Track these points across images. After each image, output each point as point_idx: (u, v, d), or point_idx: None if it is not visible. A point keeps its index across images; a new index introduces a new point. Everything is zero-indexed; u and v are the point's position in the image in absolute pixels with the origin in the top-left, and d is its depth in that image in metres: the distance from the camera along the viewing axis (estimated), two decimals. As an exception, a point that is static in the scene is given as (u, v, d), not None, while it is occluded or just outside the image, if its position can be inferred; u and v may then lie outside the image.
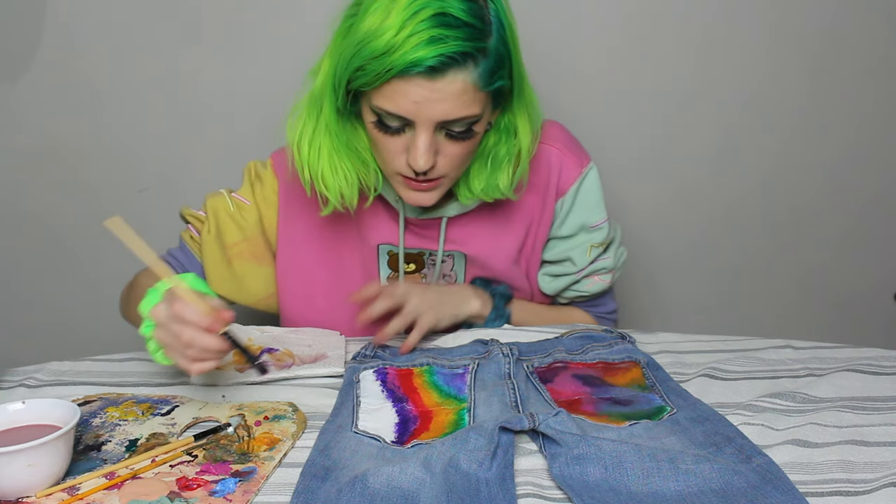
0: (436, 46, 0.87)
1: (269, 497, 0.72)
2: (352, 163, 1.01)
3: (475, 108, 0.92)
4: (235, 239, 1.10)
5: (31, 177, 1.68)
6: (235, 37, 1.59)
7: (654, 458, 0.72)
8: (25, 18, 1.58)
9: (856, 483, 0.71)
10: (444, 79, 0.89)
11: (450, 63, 0.88)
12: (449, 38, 0.87)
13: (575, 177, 1.10)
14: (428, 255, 1.12)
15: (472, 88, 0.90)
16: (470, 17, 0.88)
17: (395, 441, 0.81)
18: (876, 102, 1.67)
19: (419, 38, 0.86)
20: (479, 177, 1.03)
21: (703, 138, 1.67)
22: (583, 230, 1.12)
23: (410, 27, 0.86)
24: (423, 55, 0.86)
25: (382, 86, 0.90)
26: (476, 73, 0.90)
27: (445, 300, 1.06)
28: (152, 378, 0.98)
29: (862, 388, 0.90)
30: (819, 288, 1.80)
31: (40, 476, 0.71)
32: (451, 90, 0.89)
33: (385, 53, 0.88)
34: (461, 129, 0.94)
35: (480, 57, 0.90)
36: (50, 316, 1.78)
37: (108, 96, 1.62)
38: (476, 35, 0.89)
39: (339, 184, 1.00)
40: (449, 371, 0.95)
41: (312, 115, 1.00)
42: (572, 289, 1.16)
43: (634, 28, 1.59)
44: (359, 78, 0.91)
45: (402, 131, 0.94)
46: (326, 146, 1.00)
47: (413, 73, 0.88)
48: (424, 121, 0.92)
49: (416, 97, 0.90)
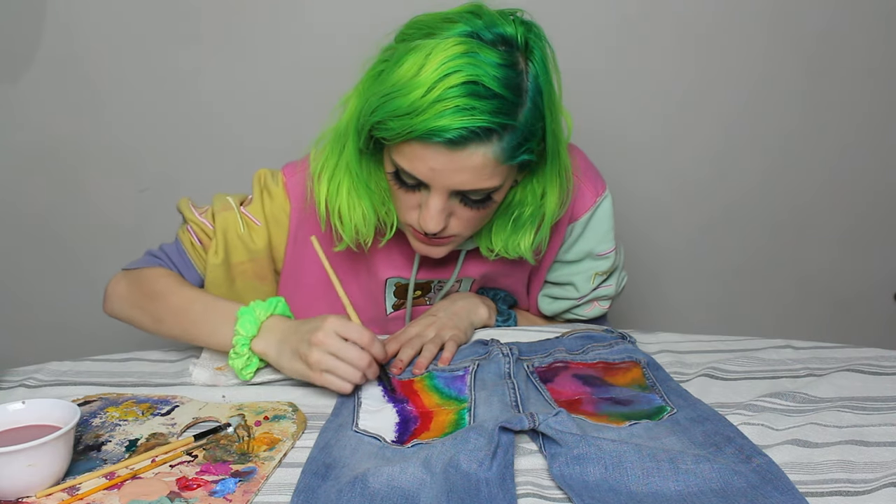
0: (460, 118, 0.83)
1: (269, 497, 0.72)
2: (371, 202, 0.97)
3: (494, 181, 0.89)
4: (242, 259, 1.07)
5: (31, 177, 1.68)
6: (235, 37, 1.59)
7: (654, 458, 0.72)
8: (26, 18, 1.58)
9: (856, 483, 0.71)
10: (464, 151, 0.85)
11: (471, 137, 0.84)
12: (476, 110, 0.83)
13: (589, 205, 1.07)
14: (436, 282, 1.11)
15: (493, 162, 0.87)
16: (502, 89, 0.84)
17: (395, 440, 0.81)
18: (875, 102, 1.67)
19: (444, 106, 0.83)
20: (499, 235, 1.00)
21: (703, 138, 1.67)
22: (589, 257, 1.10)
23: (438, 91, 0.82)
24: (446, 125, 0.83)
25: (401, 144, 0.88)
26: (499, 148, 0.86)
27: (459, 314, 1.06)
28: (152, 378, 0.98)
29: (862, 388, 0.90)
30: (819, 288, 1.81)
31: (40, 476, 0.71)
32: (470, 163, 0.86)
33: (408, 114, 0.84)
34: (478, 198, 0.91)
35: (506, 132, 0.86)
36: (50, 316, 1.78)
37: (109, 96, 1.62)
38: (505, 108, 0.84)
39: (356, 222, 0.98)
40: (449, 374, 0.95)
41: (335, 150, 0.97)
42: (571, 312, 1.15)
43: (634, 29, 1.59)
44: (380, 130, 0.88)
45: (418, 189, 0.92)
46: (346, 184, 0.97)
47: (433, 140, 0.85)
48: (440, 187, 0.89)
49: (433, 164, 0.87)
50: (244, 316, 0.93)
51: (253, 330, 0.92)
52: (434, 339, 1.00)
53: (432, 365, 0.97)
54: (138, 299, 1.03)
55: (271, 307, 0.94)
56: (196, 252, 1.08)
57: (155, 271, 1.05)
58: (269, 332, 0.93)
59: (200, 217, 1.07)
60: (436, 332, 1.01)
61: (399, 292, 1.12)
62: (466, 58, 0.83)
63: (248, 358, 0.93)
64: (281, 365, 0.92)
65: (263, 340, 0.92)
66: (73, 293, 1.75)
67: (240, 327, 0.92)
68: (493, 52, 0.84)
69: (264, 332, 0.93)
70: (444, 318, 1.04)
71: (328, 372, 0.88)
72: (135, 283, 1.05)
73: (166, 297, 1.00)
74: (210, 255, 1.06)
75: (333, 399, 0.90)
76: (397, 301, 1.12)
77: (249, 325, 0.92)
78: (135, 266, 1.07)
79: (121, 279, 1.07)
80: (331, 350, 0.87)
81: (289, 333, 0.91)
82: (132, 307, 1.04)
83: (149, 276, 1.04)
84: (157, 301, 1.01)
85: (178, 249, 1.09)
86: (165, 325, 1.00)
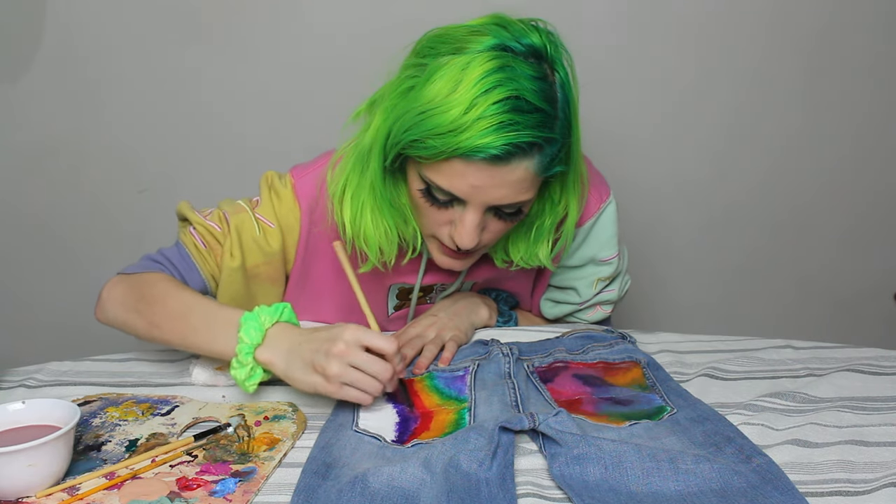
0: (506, 134, 0.82)
1: (269, 497, 0.72)
2: (393, 220, 0.96)
3: (531, 193, 0.89)
4: (257, 262, 1.04)
5: (31, 177, 1.68)
6: (235, 37, 1.59)
7: (654, 458, 0.72)
8: (26, 18, 1.58)
9: (856, 483, 0.71)
10: (507, 166, 0.84)
11: (516, 152, 0.83)
12: (520, 125, 0.82)
13: (593, 212, 1.06)
14: (439, 285, 1.11)
15: (533, 176, 0.87)
16: (541, 102, 0.83)
17: (395, 440, 0.81)
18: (876, 102, 1.67)
19: (489, 123, 0.81)
20: (517, 245, 1.00)
21: (703, 138, 1.67)
22: (591, 263, 1.10)
23: (481, 108, 0.81)
24: (491, 142, 0.82)
25: (439, 162, 0.86)
26: (539, 161, 0.86)
27: (460, 314, 1.05)
28: (152, 378, 0.98)
29: (862, 388, 0.90)
30: (819, 288, 1.81)
31: (40, 476, 0.71)
32: (512, 178, 0.86)
33: (450, 132, 0.82)
34: (512, 211, 0.91)
35: (547, 145, 0.85)
36: (50, 316, 1.78)
37: (109, 96, 1.62)
38: (545, 121, 0.84)
39: (381, 241, 0.96)
40: (449, 374, 0.95)
41: (357, 170, 0.94)
42: (574, 316, 1.15)
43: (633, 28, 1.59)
44: (415, 149, 0.86)
45: (450, 205, 0.91)
46: (370, 204, 0.95)
47: (476, 157, 0.83)
48: (478, 203, 0.88)
49: (474, 181, 0.86)
50: (248, 322, 0.86)
51: (258, 338, 0.86)
52: (435, 339, 1.00)
53: (432, 365, 0.97)
54: (134, 303, 0.96)
55: (277, 313, 0.88)
56: (201, 255, 1.04)
57: (153, 275, 0.99)
58: (275, 340, 0.86)
59: (206, 219, 1.04)
60: (436, 332, 1.01)
61: (401, 294, 1.11)
62: (503, 72, 0.82)
63: (251, 368, 0.86)
64: (291, 377, 0.85)
65: (269, 349, 0.86)
66: (73, 293, 1.75)
67: (243, 334, 0.85)
68: (527, 64, 0.84)
69: (270, 340, 0.86)
70: (445, 318, 1.04)
71: (347, 385, 0.83)
72: (131, 287, 0.98)
73: (164, 302, 0.94)
74: (226, 258, 1.03)
75: (334, 399, 0.90)
76: (399, 303, 1.12)
77: (254, 333, 0.85)
78: (132, 270, 1.02)
79: (117, 283, 1.00)
80: (353, 362, 0.82)
81: (299, 343, 0.85)
82: (127, 311, 0.97)
83: (146, 280, 0.99)
84: (154, 305, 0.95)
85: (180, 253, 1.04)
86: (162, 331, 0.93)
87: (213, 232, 1.04)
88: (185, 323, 0.92)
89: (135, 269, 1.02)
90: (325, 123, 0.98)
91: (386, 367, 0.83)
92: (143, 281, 0.99)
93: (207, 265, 1.04)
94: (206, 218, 1.05)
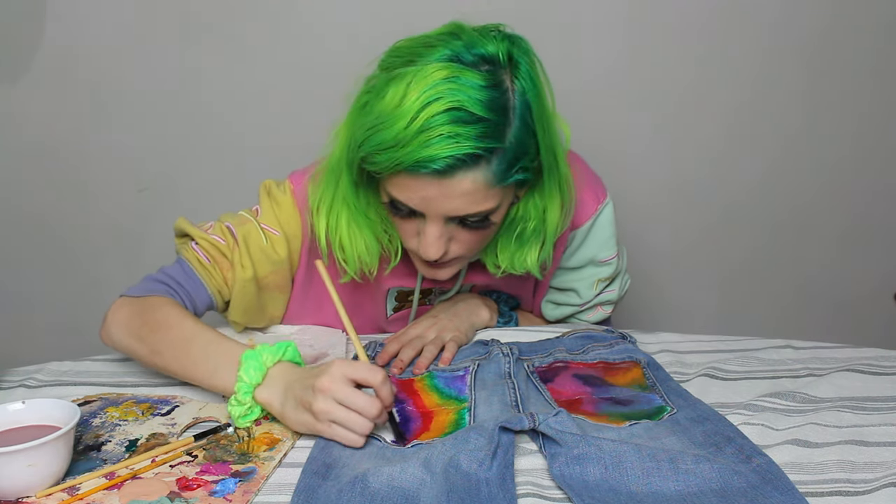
0: (446, 146, 0.81)
1: (269, 497, 0.72)
2: (371, 231, 0.96)
3: (489, 203, 0.88)
4: (266, 272, 1.03)
5: (31, 177, 1.68)
6: (235, 37, 1.59)
7: (654, 458, 0.72)
8: (26, 19, 1.58)
9: (856, 483, 0.71)
10: (453, 179, 0.84)
11: (459, 165, 0.82)
12: (461, 136, 0.81)
13: (590, 213, 1.06)
14: (438, 289, 1.11)
15: (485, 186, 0.85)
16: (486, 112, 0.82)
17: (395, 441, 0.81)
18: (876, 102, 1.67)
19: (429, 136, 0.81)
20: (505, 251, 0.99)
21: (703, 138, 1.67)
22: (591, 264, 1.10)
23: (422, 121, 0.81)
24: (432, 155, 0.81)
25: (391, 176, 0.87)
26: (489, 172, 0.84)
27: (460, 316, 1.05)
28: (152, 378, 0.98)
29: (862, 388, 0.90)
30: (819, 288, 1.81)
31: (40, 476, 0.71)
32: (460, 189, 0.85)
33: (393, 147, 0.83)
34: (476, 221, 0.90)
35: (494, 156, 0.84)
36: (50, 316, 1.78)
37: (109, 96, 1.62)
38: (491, 132, 0.82)
39: (359, 252, 0.97)
40: (449, 374, 0.95)
41: (331, 184, 0.95)
42: (575, 318, 1.15)
43: (634, 29, 1.59)
44: (369, 164, 0.87)
45: (414, 216, 0.91)
46: (345, 216, 0.95)
47: (420, 171, 0.83)
48: (434, 215, 0.88)
49: (424, 194, 0.85)
50: (249, 361, 0.83)
51: (258, 378, 0.83)
52: (435, 340, 1.00)
53: (432, 365, 0.97)
54: (137, 329, 0.94)
55: (279, 352, 0.85)
56: (206, 270, 1.02)
57: (158, 300, 0.96)
58: (274, 380, 0.83)
59: (208, 233, 1.02)
60: (437, 333, 1.01)
61: (400, 297, 1.11)
62: (448, 83, 0.81)
63: (249, 407, 0.84)
64: (285, 417, 0.82)
65: (268, 389, 0.83)
66: (73, 293, 1.75)
67: (243, 373, 0.83)
68: (476, 73, 0.82)
69: (270, 380, 0.83)
70: (445, 319, 1.04)
71: (336, 423, 0.78)
72: (136, 312, 0.95)
73: (167, 329, 0.92)
74: (237, 270, 1.01)
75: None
76: (398, 305, 1.12)
77: (254, 373, 0.83)
78: (136, 293, 0.99)
79: (122, 305, 0.97)
80: (337, 398, 0.78)
81: (293, 381, 0.82)
82: (130, 336, 0.94)
83: (151, 305, 0.95)
84: (157, 333, 0.92)
85: (183, 270, 1.01)
86: (163, 359, 0.91)
87: (217, 245, 1.02)
88: (186, 354, 0.90)
89: (139, 292, 0.99)
90: (325, 123, 0.98)
91: (372, 403, 0.78)
92: (147, 305, 0.96)
93: (213, 280, 1.02)
94: (208, 232, 1.03)
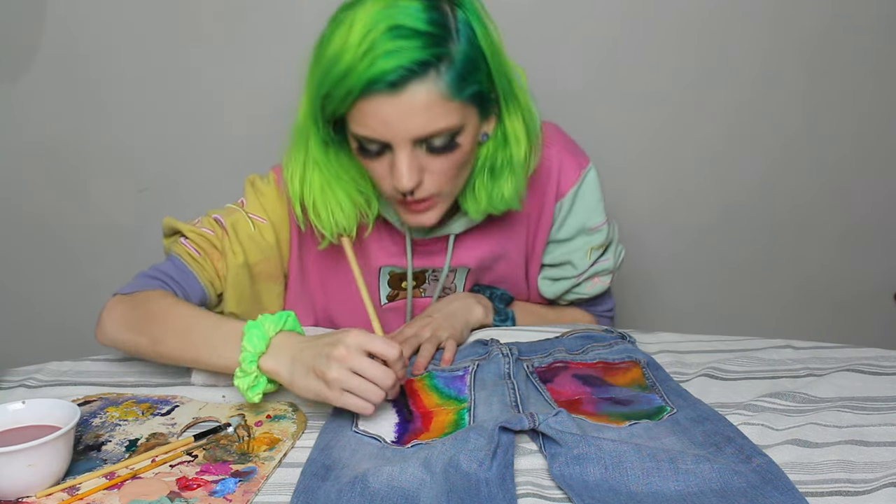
0: (391, 59, 0.83)
1: (269, 497, 0.72)
2: (346, 193, 0.98)
3: (451, 120, 0.89)
4: (257, 259, 1.06)
5: (31, 177, 1.68)
6: (235, 37, 1.59)
7: (654, 458, 0.72)
8: (26, 18, 1.58)
9: (856, 483, 0.71)
10: (406, 92, 0.85)
11: (409, 75, 0.84)
12: (404, 49, 0.84)
13: (574, 179, 1.08)
14: (430, 272, 1.11)
15: (441, 99, 0.87)
16: (427, 26, 0.85)
17: (395, 441, 0.81)
18: (876, 102, 1.67)
19: (374, 54, 0.84)
20: (482, 189, 1.00)
21: (703, 138, 1.67)
22: (582, 233, 1.11)
23: (366, 44, 0.84)
24: (380, 70, 0.84)
25: (351, 110, 0.88)
26: (442, 83, 0.86)
27: (456, 314, 1.05)
28: (152, 378, 0.98)
29: (862, 388, 0.90)
30: (819, 288, 1.80)
31: (40, 476, 0.71)
32: (417, 103, 0.86)
33: (345, 76, 0.85)
34: (442, 143, 0.90)
35: (444, 64, 0.86)
36: (50, 316, 1.78)
37: (109, 96, 1.62)
38: (434, 42, 0.85)
39: (335, 217, 0.98)
40: (449, 374, 0.94)
41: (300, 149, 0.97)
42: (573, 292, 1.16)
43: (634, 28, 1.59)
44: (328, 105, 0.89)
45: (383, 153, 0.91)
46: (317, 179, 0.97)
47: (374, 91, 0.85)
48: (399, 140, 0.89)
49: (384, 116, 0.87)
50: (251, 331, 0.84)
51: (261, 346, 0.84)
52: (431, 338, 1.00)
53: (432, 365, 0.97)
54: (135, 323, 0.95)
55: (281, 321, 0.86)
56: (197, 263, 1.03)
57: (152, 293, 0.98)
58: (279, 348, 0.84)
59: (197, 227, 1.05)
60: (432, 331, 1.01)
61: (393, 282, 1.12)
62: (387, 10, 0.85)
63: (255, 377, 0.85)
64: (294, 384, 0.83)
65: (273, 358, 0.84)
66: (73, 293, 1.75)
67: (246, 343, 0.84)
68: (415, 1, 0.86)
69: (274, 348, 0.85)
70: (440, 318, 1.04)
71: (348, 392, 0.80)
72: (131, 307, 0.97)
73: (165, 318, 0.93)
74: (229, 257, 1.03)
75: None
76: (391, 291, 1.13)
77: (257, 341, 0.84)
78: (129, 290, 1.00)
79: (116, 304, 0.98)
80: (353, 367, 0.79)
81: (302, 349, 0.83)
82: (128, 331, 0.95)
83: (146, 298, 0.97)
84: (155, 323, 0.93)
85: (174, 265, 1.03)
86: (165, 347, 0.92)
87: (207, 237, 1.04)
88: (187, 339, 0.90)
89: (132, 288, 1.00)
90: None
91: (387, 374, 0.80)
92: (142, 299, 0.97)
93: (205, 272, 1.04)
94: (196, 225, 1.05)
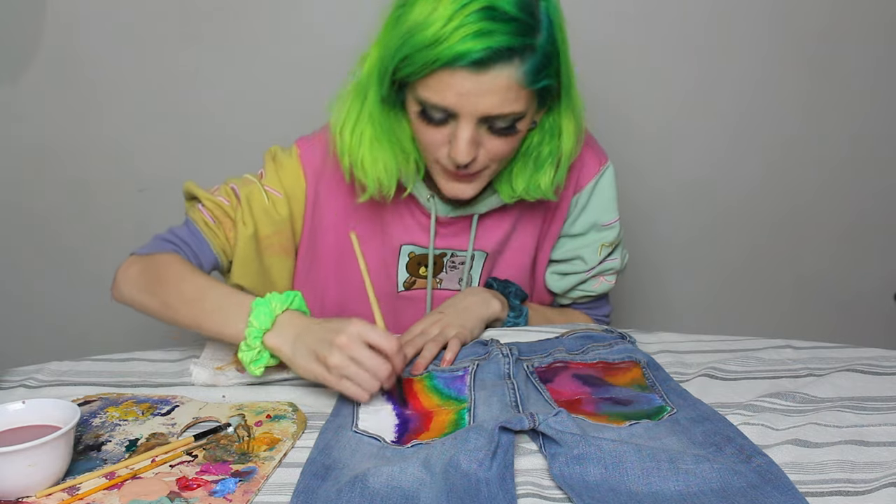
0: (483, 39, 0.86)
1: (269, 497, 0.72)
2: (392, 153, 1.00)
3: (519, 105, 0.92)
4: (268, 232, 1.08)
5: (31, 177, 1.68)
6: (235, 37, 1.59)
7: (654, 458, 0.72)
8: (26, 18, 1.58)
9: (856, 483, 0.71)
10: (489, 73, 0.88)
11: (495, 57, 0.87)
12: (496, 31, 0.86)
13: (593, 174, 1.11)
14: (449, 255, 1.12)
15: (517, 85, 0.90)
16: (519, 12, 0.87)
17: (394, 441, 0.81)
18: (876, 102, 1.67)
19: (466, 31, 0.86)
20: (521, 175, 1.03)
21: (704, 138, 1.68)
22: (594, 228, 1.13)
23: (458, 19, 0.86)
24: (470, 48, 0.86)
25: (428, 77, 0.90)
26: (522, 70, 0.89)
27: (469, 310, 1.05)
28: (152, 378, 0.98)
29: (862, 388, 0.90)
30: (819, 288, 1.81)
31: (40, 476, 0.71)
32: (495, 85, 0.89)
33: (432, 44, 0.87)
34: (504, 125, 0.93)
35: (527, 53, 0.89)
36: (50, 316, 1.78)
37: (108, 96, 1.62)
38: (524, 30, 0.88)
39: (379, 173, 1.00)
40: (449, 375, 0.94)
41: (357, 102, 0.99)
42: (579, 288, 1.17)
43: (635, 29, 1.59)
44: (405, 68, 0.91)
45: (446, 122, 0.94)
46: (368, 134, 0.99)
47: (458, 65, 0.87)
48: (468, 114, 0.91)
49: (460, 89, 0.89)
50: (259, 307, 0.89)
51: (267, 323, 0.89)
52: (437, 337, 0.99)
53: (432, 365, 0.96)
54: (149, 284, 1.00)
55: (288, 301, 0.91)
56: (210, 230, 1.07)
57: (167, 257, 1.02)
58: (284, 327, 0.89)
59: (214, 195, 1.08)
60: (440, 329, 1.01)
61: (411, 266, 1.12)
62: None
63: (259, 352, 0.89)
64: (295, 364, 0.88)
65: (278, 335, 0.89)
66: (73, 293, 1.75)
67: (253, 319, 0.88)
68: None
69: (279, 326, 0.89)
70: (451, 315, 1.04)
71: (346, 378, 0.85)
72: (146, 268, 1.02)
73: (178, 284, 0.98)
74: (240, 227, 1.06)
75: (333, 399, 0.90)
76: (409, 278, 1.13)
77: (264, 318, 0.88)
78: (145, 251, 1.05)
79: (132, 263, 1.04)
80: (353, 355, 0.84)
81: (307, 331, 0.88)
82: (141, 292, 1.01)
83: (161, 262, 1.02)
84: (168, 287, 0.98)
85: (190, 230, 1.07)
86: (176, 313, 0.97)
87: (222, 206, 1.07)
88: (198, 307, 0.95)
89: (148, 250, 1.05)
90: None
91: (383, 365, 0.85)
92: (157, 262, 1.02)
93: (218, 239, 1.07)
94: (214, 194, 1.08)
